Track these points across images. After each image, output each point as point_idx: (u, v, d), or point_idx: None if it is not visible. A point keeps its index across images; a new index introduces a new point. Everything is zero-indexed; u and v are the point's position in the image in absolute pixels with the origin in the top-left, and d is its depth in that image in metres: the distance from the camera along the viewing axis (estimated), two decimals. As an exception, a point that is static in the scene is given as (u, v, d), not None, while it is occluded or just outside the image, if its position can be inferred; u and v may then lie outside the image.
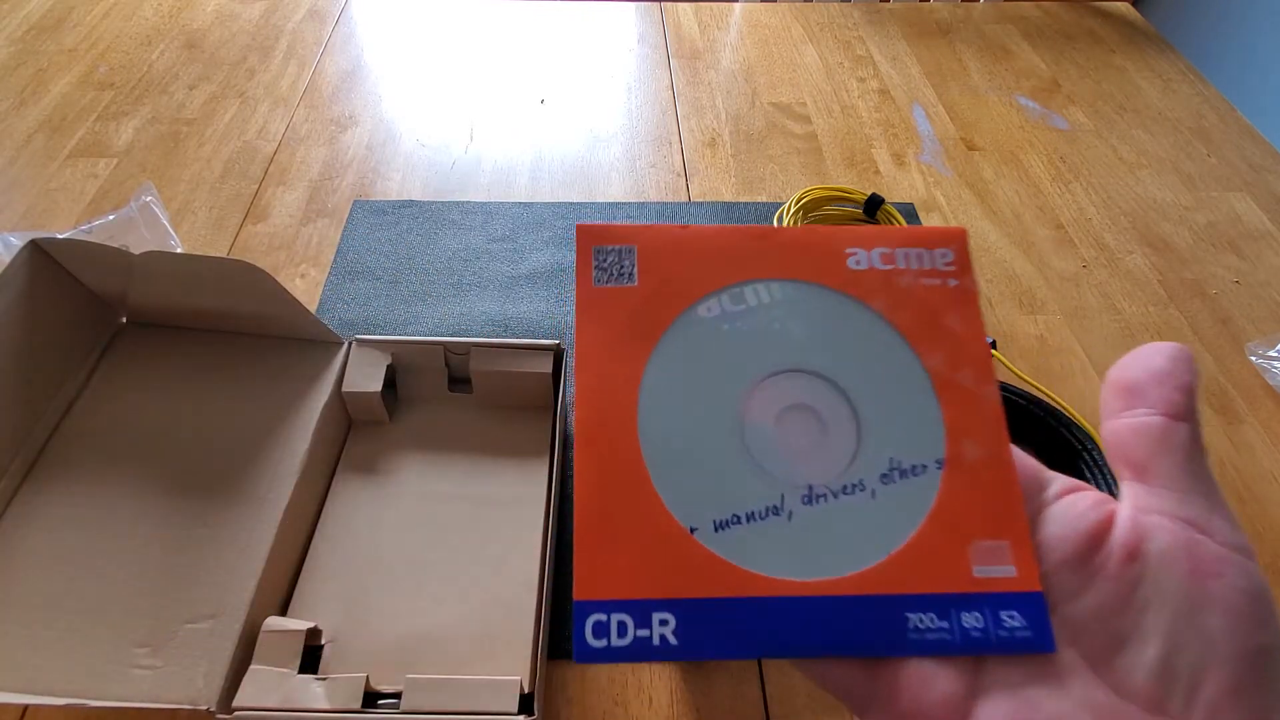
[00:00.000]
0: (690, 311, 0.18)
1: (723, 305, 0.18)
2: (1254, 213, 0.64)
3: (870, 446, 0.17)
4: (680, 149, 0.67)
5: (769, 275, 0.19)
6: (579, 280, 0.18)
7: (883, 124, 0.71)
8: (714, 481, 0.17)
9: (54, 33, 0.76)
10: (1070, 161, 0.68)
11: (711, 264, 0.19)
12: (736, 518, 0.17)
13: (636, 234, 0.19)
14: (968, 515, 0.17)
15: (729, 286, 0.19)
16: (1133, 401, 0.16)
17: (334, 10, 0.81)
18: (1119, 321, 0.55)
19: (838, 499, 0.17)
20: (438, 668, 0.34)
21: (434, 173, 0.64)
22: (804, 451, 0.17)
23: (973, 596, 0.16)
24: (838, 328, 0.18)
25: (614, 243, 0.19)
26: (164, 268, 0.40)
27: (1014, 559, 0.16)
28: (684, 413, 0.17)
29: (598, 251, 0.19)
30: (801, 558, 0.16)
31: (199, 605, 0.34)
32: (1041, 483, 0.17)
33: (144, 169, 0.62)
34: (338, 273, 0.55)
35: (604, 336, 0.18)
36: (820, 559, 0.16)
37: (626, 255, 0.19)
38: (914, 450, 0.17)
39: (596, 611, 0.16)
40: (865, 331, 0.18)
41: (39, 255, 0.39)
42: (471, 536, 0.39)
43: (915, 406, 0.18)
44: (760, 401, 0.18)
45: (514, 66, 0.76)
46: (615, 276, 0.19)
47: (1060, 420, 0.45)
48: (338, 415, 0.42)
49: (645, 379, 0.18)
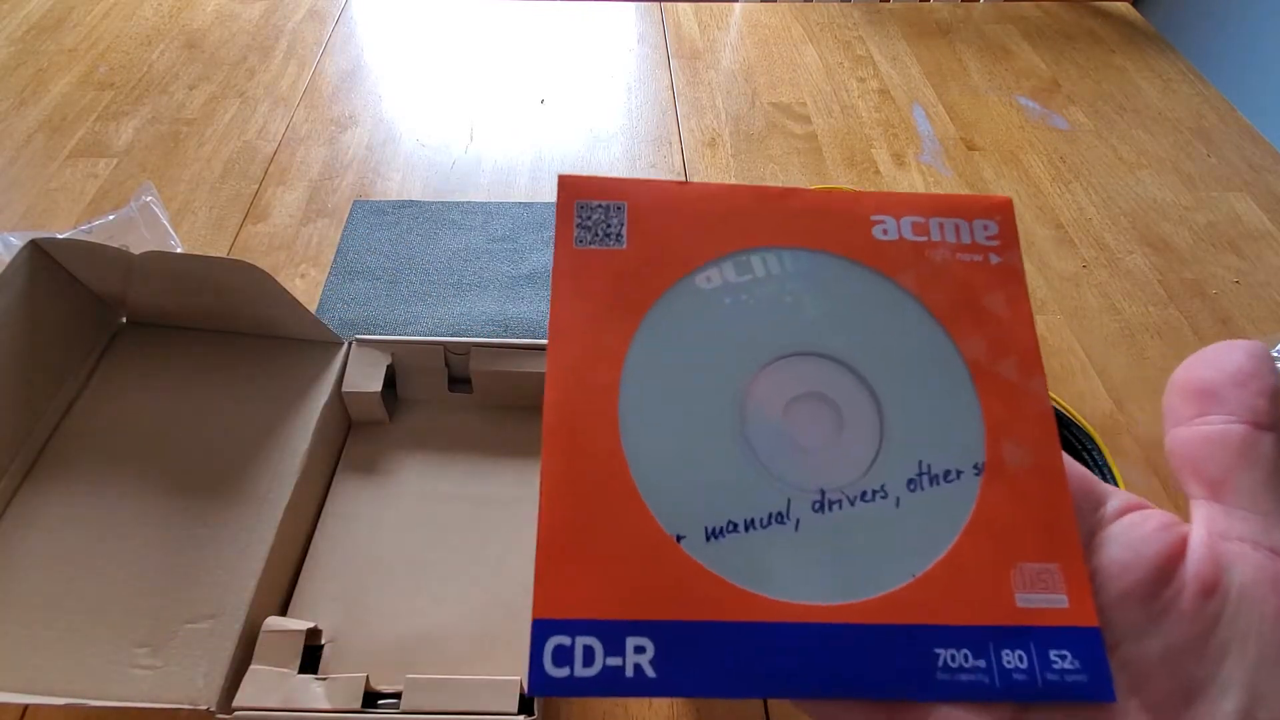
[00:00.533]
0: (686, 281, 0.16)
1: (725, 275, 0.16)
2: (1254, 213, 0.64)
3: (895, 446, 0.15)
4: (680, 149, 0.67)
5: (780, 242, 0.16)
6: (558, 240, 0.16)
7: (883, 124, 0.71)
8: (707, 481, 0.14)
9: (54, 33, 0.76)
10: (1070, 161, 0.68)
11: (714, 227, 0.16)
12: (733, 525, 0.14)
13: (627, 189, 0.16)
14: (1010, 531, 0.14)
15: (733, 254, 0.16)
16: (1207, 406, 0.14)
17: (334, 10, 0.81)
18: (1119, 321, 0.55)
19: (855, 507, 0.14)
20: (438, 668, 0.34)
21: (434, 173, 0.64)
22: (816, 449, 0.15)
23: (1016, 630, 0.13)
24: (859, 306, 0.16)
25: (600, 198, 0.16)
26: (164, 268, 0.40)
27: (1065, 586, 0.14)
28: (674, 399, 0.15)
29: (581, 207, 0.16)
30: (809, 576, 0.14)
31: (199, 605, 0.34)
32: (1097, 497, 0.15)
33: (144, 169, 0.62)
34: (338, 273, 0.55)
35: (584, 307, 0.15)
36: (832, 578, 0.14)
37: (615, 213, 0.16)
38: (947, 452, 0.15)
39: (558, 633, 0.13)
40: (892, 312, 0.16)
41: (39, 255, 0.39)
42: (471, 536, 0.39)
43: (949, 401, 0.15)
44: (766, 389, 0.15)
45: (514, 66, 0.76)
46: (600, 237, 0.16)
47: (1060, 420, 0.45)
48: (338, 415, 0.42)
49: (630, 357, 0.15)
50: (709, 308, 0.16)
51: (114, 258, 0.39)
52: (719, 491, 0.14)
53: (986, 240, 0.16)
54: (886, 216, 0.16)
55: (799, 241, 0.16)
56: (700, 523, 0.14)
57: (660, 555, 0.14)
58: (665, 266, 0.16)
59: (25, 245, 0.38)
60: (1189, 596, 0.13)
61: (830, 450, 0.15)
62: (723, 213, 0.16)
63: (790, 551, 0.14)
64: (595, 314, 0.15)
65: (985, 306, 0.16)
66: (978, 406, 0.15)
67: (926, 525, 0.14)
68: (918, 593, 0.14)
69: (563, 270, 0.16)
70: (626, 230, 0.16)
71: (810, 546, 0.14)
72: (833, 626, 0.13)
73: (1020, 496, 0.14)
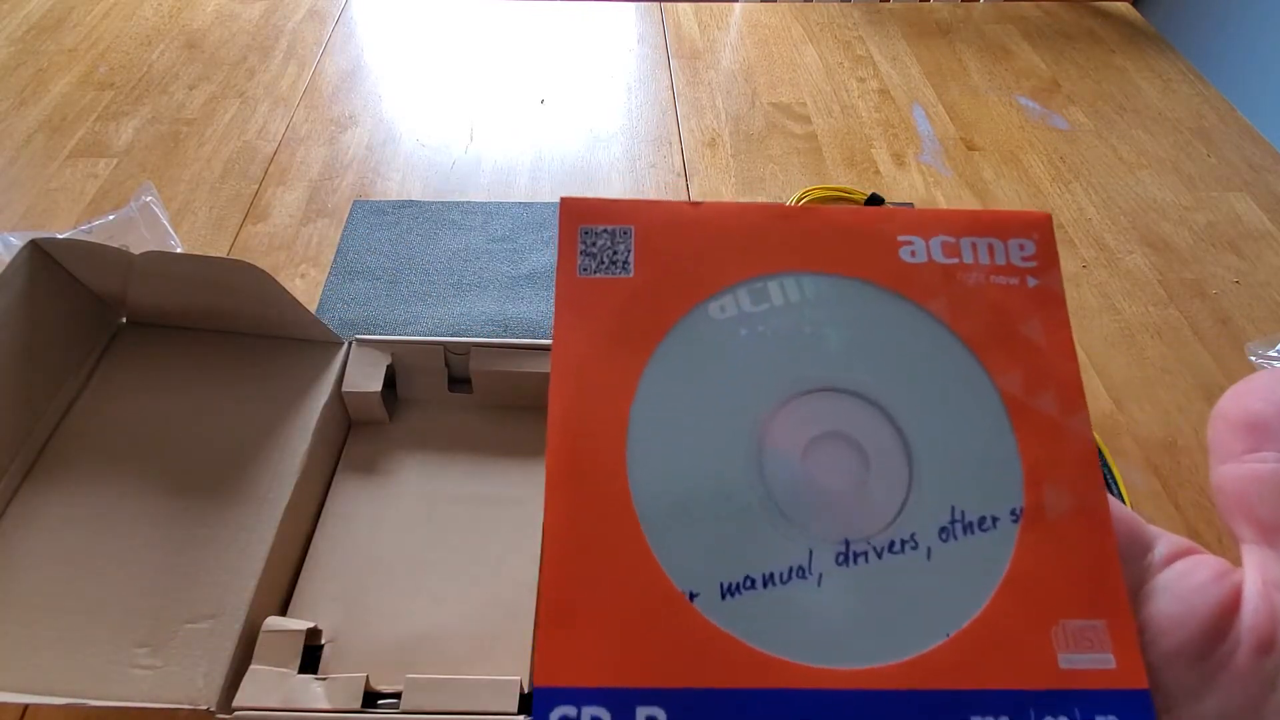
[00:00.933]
0: (699, 310, 0.15)
1: (740, 304, 0.15)
2: (1254, 213, 0.64)
3: (925, 491, 0.14)
4: (680, 149, 0.67)
5: (799, 267, 0.15)
6: (560, 268, 0.15)
7: (883, 124, 0.71)
8: (723, 533, 0.13)
9: (54, 33, 0.76)
10: (1070, 161, 0.68)
11: (727, 251, 0.15)
12: (750, 581, 0.13)
13: (635, 212, 0.15)
14: (1052, 585, 0.13)
15: (749, 280, 0.15)
16: (1260, 442, 0.13)
17: (334, 10, 0.81)
18: (1119, 321, 0.55)
19: (882, 559, 0.13)
20: (438, 668, 0.34)
21: (434, 173, 0.64)
22: (840, 495, 0.14)
23: (1058, 694, 0.12)
24: (886, 336, 0.14)
25: (606, 222, 0.15)
26: (164, 268, 0.40)
27: (1113, 644, 0.12)
28: (687, 442, 0.14)
29: (585, 233, 0.15)
30: (834, 637, 0.13)
31: (199, 605, 0.34)
32: (1144, 542, 0.14)
33: (144, 169, 0.62)
34: (338, 273, 0.55)
35: (589, 340, 0.14)
36: (858, 639, 0.13)
37: (621, 238, 0.15)
38: (982, 498, 0.13)
39: (563, 703, 0.12)
40: (921, 342, 0.14)
41: (39, 255, 0.39)
42: (471, 536, 0.39)
43: (984, 440, 0.14)
44: (785, 428, 0.14)
45: (514, 66, 0.76)
46: (606, 264, 0.15)
47: (1060, 420, 0.45)
48: (338, 415, 0.42)
49: (638, 397, 0.14)
50: (724, 340, 0.14)
51: (114, 258, 0.39)
52: (735, 544, 0.13)
53: (1023, 261, 0.15)
54: (914, 236, 0.15)
55: (819, 266, 0.15)
56: (715, 579, 0.13)
57: (672, 615, 0.13)
58: (676, 295, 0.15)
59: (25, 245, 0.38)
60: (1244, 653, 0.12)
61: (855, 496, 0.14)
62: (737, 235, 0.15)
63: (813, 610, 0.13)
64: (601, 350, 0.14)
65: (1022, 334, 0.14)
66: (1015, 446, 0.14)
67: (961, 579, 0.13)
68: (952, 654, 0.12)
69: (566, 301, 0.14)
70: (634, 256, 0.15)
71: (835, 604, 0.13)
72: (860, 694, 0.12)
73: (1062, 546, 0.13)
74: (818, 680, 0.12)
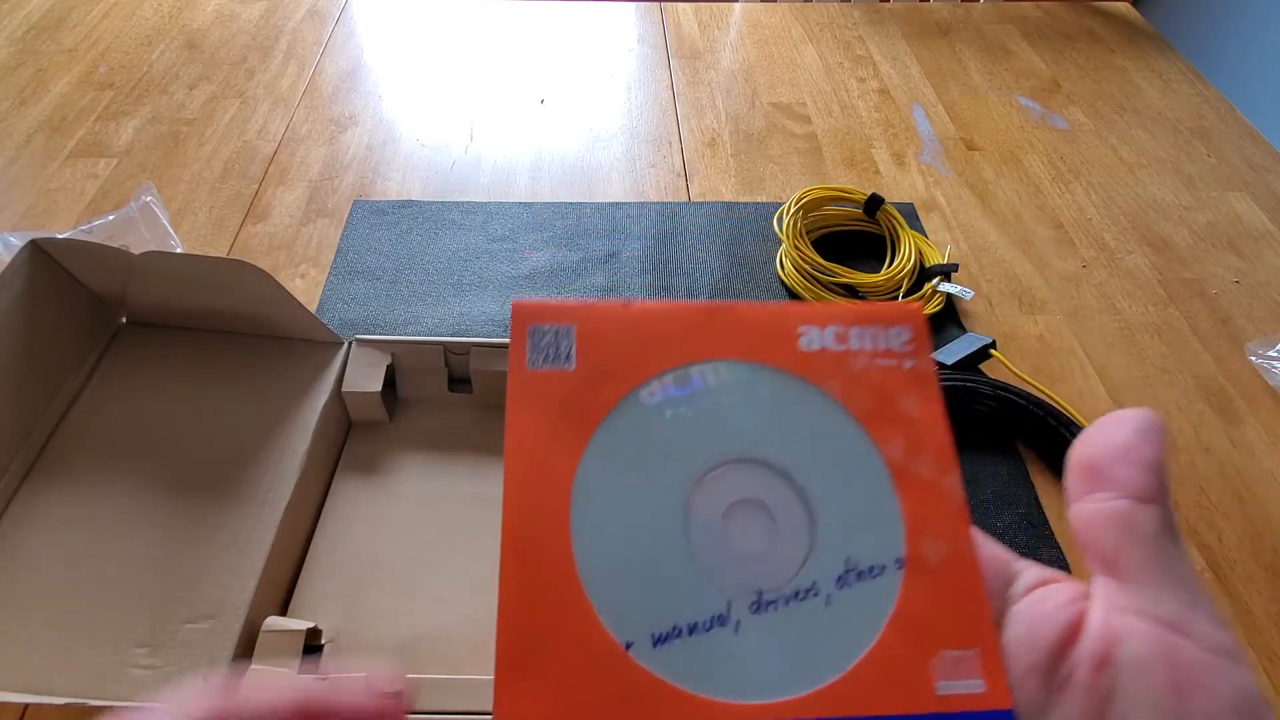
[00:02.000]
0: (631, 396, 0.17)
1: (666, 389, 0.17)
2: (1254, 213, 0.64)
3: (825, 546, 0.16)
4: (680, 149, 0.67)
5: (717, 355, 0.17)
6: (511, 363, 0.17)
7: (883, 124, 0.71)
8: (654, 588, 0.15)
9: (54, 33, 0.76)
10: (1070, 161, 0.68)
11: (656, 344, 0.17)
12: (677, 630, 0.15)
13: (576, 312, 0.17)
14: (931, 621, 0.15)
15: (674, 369, 0.17)
16: (1095, 484, 0.15)
17: (334, 10, 0.81)
18: (1119, 321, 0.55)
19: (789, 605, 0.15)
20: (438, 668, 0.34)
21: (434, 173, 0.64)
22: (753, 552, 0.16)
23: (936, 718, 0.14)
24: (789, 413, 0.17)
25: (551, 321, 0.17)
26: (164, 268, 0.40)
27: (983, 671, 0.14)
28: (623, 509, 0.16)
29: (533, 331, 0.17)
30: (749, 675, 0.14)
31: (199, 605, 0.34)
32: (1009, 575, 0.15)
33: (144, 169, 0.62)
34: (338, 273, 0.55)
35: (536, 425, 0.16)
36: (770, 676, 0.14)
37: (564, 335, 0.17)
38: (872, 549, 0.15)
39: None
40: (819, 417, 0.17)
41: (39, 255, 0.39)
42: (471, 536, 0.39)
43: (872, 500, 0.16)
44: (707, 496, 0.16)
45: (514, 66, 0.76)
46: (551, 358, 0.17)
47: (1060, 420, 0.45)
48: (338, 415, 0.42)
49: (580, 472, 0.16)
50: (653, 421, 0.16)
51: (114, 258, 0.39)
52: (664, 598, 0.15)
53: (901, 346, 0.18)
54: (811, 327, 0.18)
55: (733, 354, 0.17)
56: (647, 629, 0.15)
57: (611, 664, 0.14)
58: (611, 383, 0.17)
59: (25, 245, 0.38)
60: (1084, 671, 0.13)
61: (767, 552, 0.16)
62: (665, 329, 0.17)
63: (731, 652, 0.15)
64: (547, 433, 0.16)
65: (901, 409, 0.17)
66: (898, 504, 0.16)
67: (855, 620, 0.15)
68: (848, 685, 0.14)
69: (516, 392, 0.16)
70: (575, 351, 0.17)
71: (749, 646, 0.15)
72: None
73: (939, 587, 0.15)
74: (735, 715, 0.14)
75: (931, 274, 0.54)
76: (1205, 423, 0.49)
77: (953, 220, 0.62)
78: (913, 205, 0.62)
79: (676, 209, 0.61)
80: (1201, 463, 0.47)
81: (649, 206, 0.61)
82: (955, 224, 0.61)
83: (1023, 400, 0.46)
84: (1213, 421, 0.49)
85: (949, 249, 0.59)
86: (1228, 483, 0.46)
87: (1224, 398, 0.50)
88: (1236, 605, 0.41)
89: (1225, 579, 0.42)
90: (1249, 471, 0.46)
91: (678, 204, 0.62)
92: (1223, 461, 0.47)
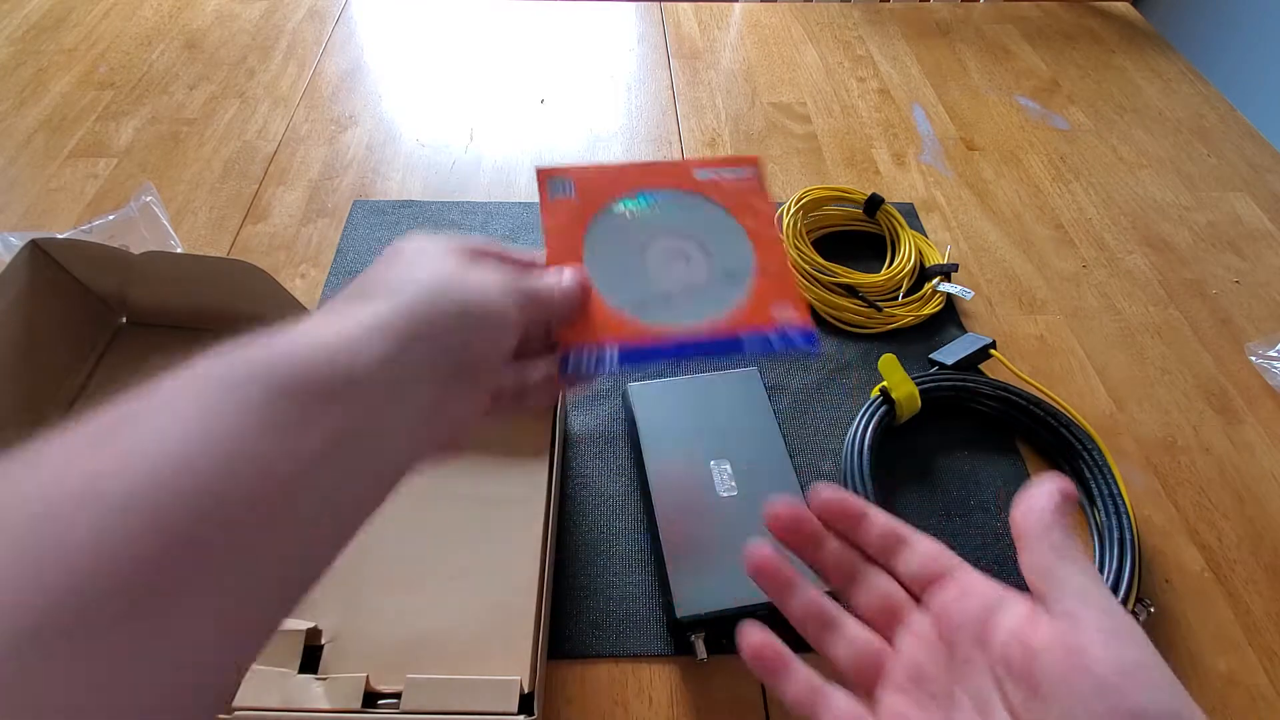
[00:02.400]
0: (606, 209, 0.32)
1: (626, 206, 0.33)
2: (1254, 213, 0.64)
3: (718, 266, 0.31)
4: (680, 149, 0.67)
5: (652, 186, 0.33)
6: (541, 197, 0.32)
7: (883, 124, 0.71)
8: (629, 287, 0.30)
9: (54, 33, 0.76)
10: (1070, 161, 0.68)
11: (620, 183, 0.33)
12: (644, 302, 0.30)
13: (572, 170, 0.33)
14: (768, 292, 0.31)
15: (628, 193, 0.33)
16: (1017, 536, 0.22)
17: (334, 10, 0.81)
18: (1119, 321, 0.55)
19: (700, 290, 0.31)
20: (438, 668, 0.34)
21: (434, 173, 0.64)
22: (682, 273, 0.31)
23: (775, 328, 0.30)
24: (693, 211, 0.33)
25: (560, 175, 0.33)
26: (164, 268, 0.40)
27: (794, 311, 0.30)
28: (608, 259, 0.31)
29: (549, 181, 0.33)
30: (683, 316, 0.30)
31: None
32: (997, 605, 0.22)
33: (144, 169, 0.62)
34: (338, 273, 0.55)
35: (557, 225, 0.31)
36: (693, 316, 0.30)
37: (567, 182, 0.33)
38: (740, 266, 0.31)
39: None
40: (709, 211, 0.33)
41: (39, 255, 0.39)
42: (471, 536, 0.39)
43: (739, 246, 0.32)
44: (655, 252, 0.32)
45: (514, 66, 0.76)
46: (561, 193, 0.32)
47: (1060, 420, 0.45)
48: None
49: (585, 241, 0.31)
50: (621, 221, 0.32)
51: (114, 258, 0.39)
52: (638, 289, 0.30)
53: (748, 175, 0.34)
54: (701, 169, 0.34)
55: (662, 185, 0.34)
56: (629, 301, 0.30)
57: (615, 315, 0.29)
58: (596, 204, 0.32)
59: (25, 245, 0.38)
60: (1015, 657, 0.20)
61: (690, 272, 0.31)
62: (625, 175, 0.34)
63: (671, 309, 0.30)
64: (564, 228, 0.31)
65: (750, 204, 0.33)
66: (751, 247, 0.32)
67: (733, 294, 0.31)
68: (731, 318, 0.30)
69: (546, 212, 0.32)
70: (575, 189, 0.33)
71: (683, 305, 0.30)
72: (694, 335, 0.30)
73: (771, 279, 0.31)
74: (674, 332, 0.29)
75: (931, 274, 0.54)
76: (1205, 423, 0.49)
77: (953, 220, 0.62)
78: (913, 205, 0.62)
79: (676, 209, 0.61)
80: (1201, 463, 0.47)
81: (649, 206, 0.61)
82: (955, 224, 0.61)
83: (1023, 400, 0.46)
84: (1213, 421, 0.49)
85: (949, 249, 0.59)
86: (1228, 483, 0.46)
87: (1224, 398, 0.50)
88: (1236, 605, 0.41)
89: (1225, 579, 0.42)
90: (1249, 472, 0.46)
91: (678, 204, 0.62)
92: (1223, 461, 0.47)
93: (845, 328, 0.52)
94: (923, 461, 0.46)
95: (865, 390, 0.48)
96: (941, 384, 0.47)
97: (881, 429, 0.45)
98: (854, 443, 0.44)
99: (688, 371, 0.46)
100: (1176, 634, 0.40)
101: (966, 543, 0.42)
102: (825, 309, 0.53)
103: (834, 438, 0.47)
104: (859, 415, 0.45)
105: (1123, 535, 0.40)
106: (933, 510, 0.44)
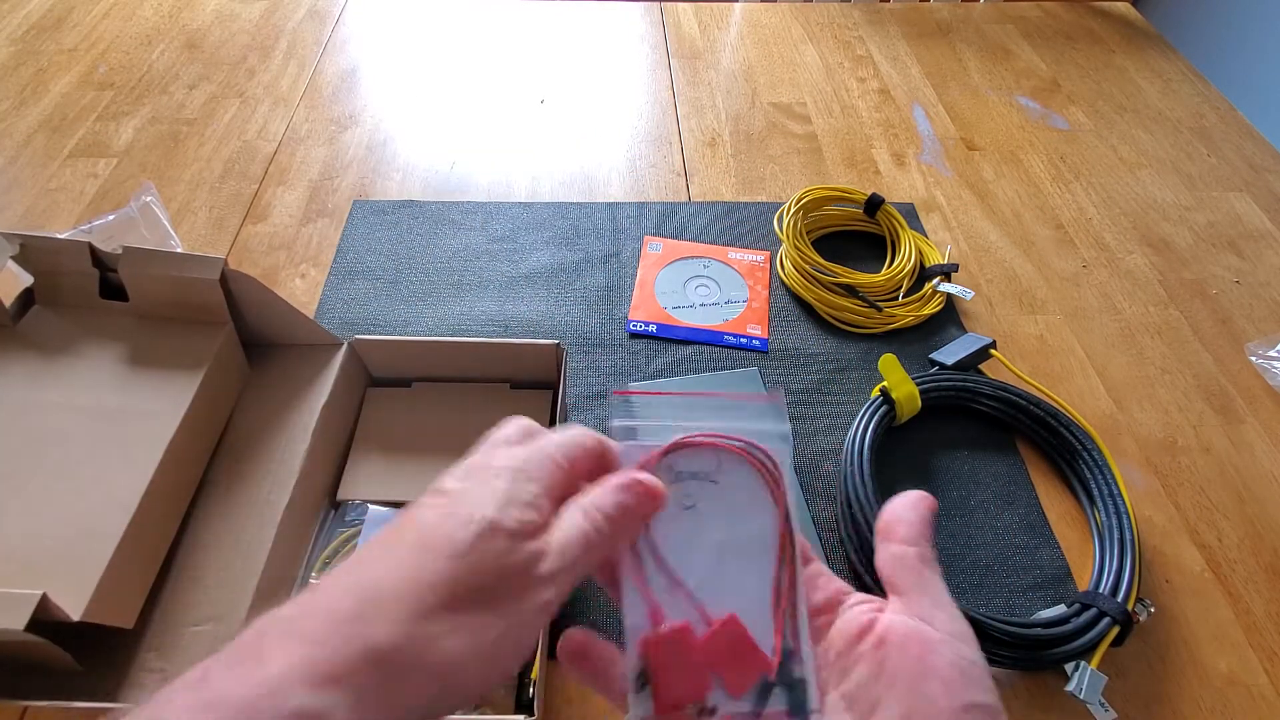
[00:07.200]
0: None
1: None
2: (1254, 213, 0.64)
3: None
4: (680, 149, 0.67)
5: None
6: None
7: (883, 124, 0.71)
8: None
9: (54, 33, 0.76)
10: (1070, 161, 0.68)
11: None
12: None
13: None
14: None
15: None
16: (884, 537, 0.24)
17: (334, 10, 0.81)
18: (1119, 321, 0.55)
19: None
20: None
21: (434, 173, 0.64)
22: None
23: None
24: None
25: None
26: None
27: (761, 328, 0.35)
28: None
29: None
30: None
31: (201, 608, 0.34)
32: (843, 598, 0.23)
33: (144, 169, 0.62)
34: (338, 273, 0.55)
35: None
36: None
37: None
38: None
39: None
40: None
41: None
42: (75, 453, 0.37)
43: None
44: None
45: (514, 66, 0.76)
46: None
47: (1060, 420, 0.45)
48: (338, 415, 0.42)
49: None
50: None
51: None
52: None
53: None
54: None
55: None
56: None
57: None
58: None
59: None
60: (870, 647, 0.21)
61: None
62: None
63: None
64: None
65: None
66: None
67: None
68: None
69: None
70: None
71: None
72: None
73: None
74: None
75: (931, 274, 0.54)
76: (1205, 423, 0.49)
77: (953, 220, 0.62)
78: (913, 205, 0.62)
79: (676, 209, 0.61)
80: (1201, 463, 0.47)
81: (649, 206, 0.61)
82: (955, 224, 0.61)
83: (1023, 400, 0.46)
84: (1213, 421, 0.49)
85: (949, 249, 0.59)
86: (1228, 483, 0.46)
87: (1224, 398, 0.50)
88: (1236, 605, 0.41)
89: (1225, 579, 0.42)
90: (1249, 472, 0.46)
91: (678, 204, 0.62)
92: (1223, 461, 0.47)
93: (845, 328, 0.52)
94: (923, 461, 0.46)
95: (865, 390, 0.48)
96: (941, 384, 0.47)
97: (882, 429, 0.45)
98: (854, 442, 0.44)
99: (687, 372, 0.46)
100: (1177, 634, 0.40)
101: (966, 542, 0.42)
102: (825, 309, 0.53)
103: (834, 438, 0.47)
104: (859, 415, 0.45)
105: (1123, 535, 0.40)
106: (933, 510, 0.44)
